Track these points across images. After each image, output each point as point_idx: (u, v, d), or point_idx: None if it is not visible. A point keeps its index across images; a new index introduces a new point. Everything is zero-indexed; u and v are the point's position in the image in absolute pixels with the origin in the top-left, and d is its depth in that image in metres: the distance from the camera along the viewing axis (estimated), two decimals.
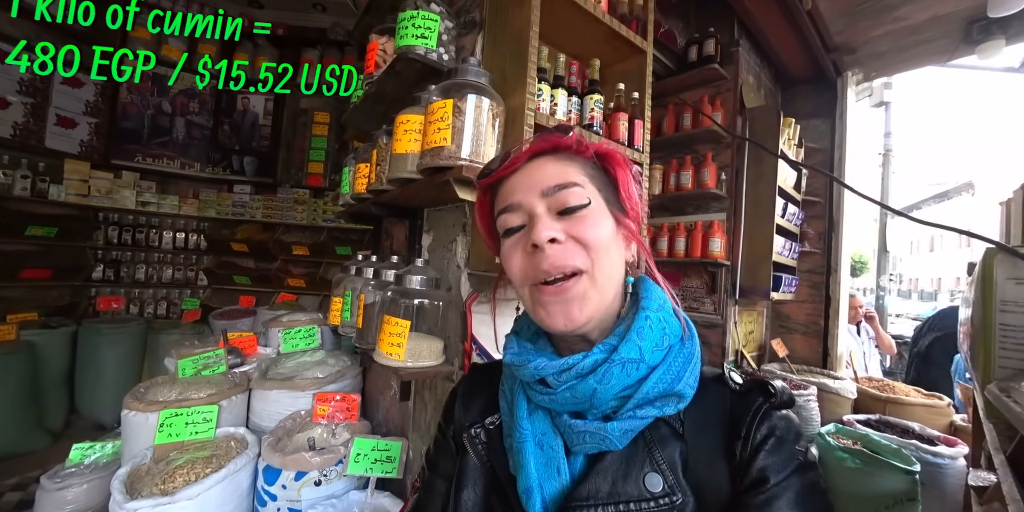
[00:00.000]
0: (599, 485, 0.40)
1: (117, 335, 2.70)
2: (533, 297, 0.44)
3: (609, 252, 0.43)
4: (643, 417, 0.40)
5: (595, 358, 0.41)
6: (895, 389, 1.87)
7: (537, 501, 0.41)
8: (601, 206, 0.45)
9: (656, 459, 0.41)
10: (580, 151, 0.47)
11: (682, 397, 0.41)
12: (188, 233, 3.40)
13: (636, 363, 0.40)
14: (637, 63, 1.31)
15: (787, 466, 0.38)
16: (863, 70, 2.55)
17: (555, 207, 0.43)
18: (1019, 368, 0.39)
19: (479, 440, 0.49)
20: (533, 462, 0.42)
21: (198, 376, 1.49)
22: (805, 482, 0.38)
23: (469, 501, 0.48)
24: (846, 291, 2.42)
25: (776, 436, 0.40)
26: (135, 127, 3.23)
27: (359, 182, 1.31)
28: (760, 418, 0.41)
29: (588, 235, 0.42)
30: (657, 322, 0.43)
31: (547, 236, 0.41)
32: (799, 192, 2.40)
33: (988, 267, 0.44)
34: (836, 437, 1.55)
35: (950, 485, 1.40)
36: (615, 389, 0.40)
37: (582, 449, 0.42)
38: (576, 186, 0.44)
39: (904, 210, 5.89)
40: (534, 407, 0.45)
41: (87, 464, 1.39)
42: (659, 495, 0.39)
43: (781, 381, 0.44)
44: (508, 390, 0.49)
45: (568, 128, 0.48)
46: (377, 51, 1.24)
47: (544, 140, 0.47)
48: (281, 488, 1.16)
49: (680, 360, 0.42)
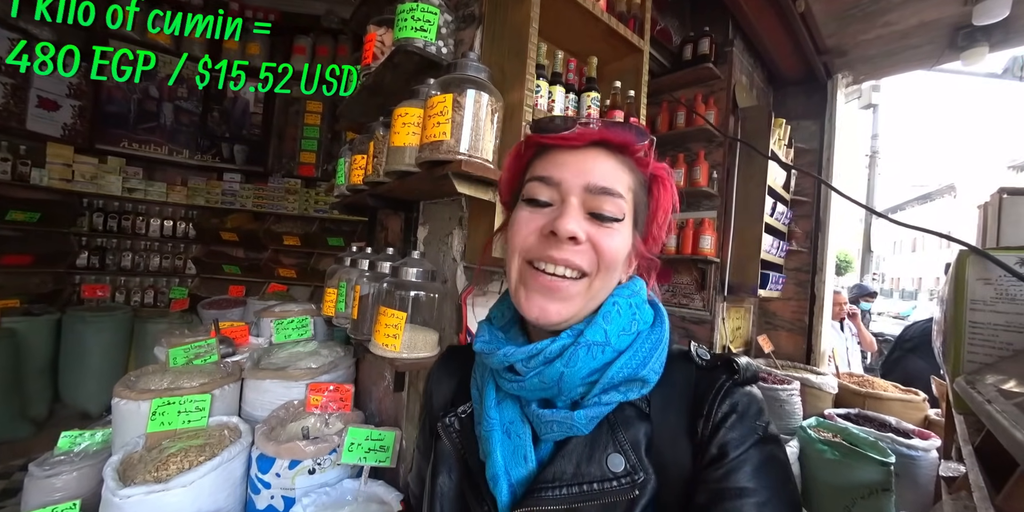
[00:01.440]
0: (564, 468, 0.41)
1: (102, 323, 2.67)
2: (523, 275, 0.43)
3: (614, 270, 0.43)
4: (608, 403, 0.41)
5: (562, 342, 0.41)
6: (874, 384, 1.94)
7: (504, 486, 0.42)
8: (628, 226, 0.44)
9: (619, 440, 0.41)
10: (641, 164, 0.46)
11: (646, 382, 0.42)
12: (176, 221, 3.34)
13: (602, 346, 0.41)
14: (634, 61, 1.32)
15: (746, 440, 0.39)
16: (853, 73, 2.59)
17: (589, 206, 0.42)
18: (986, 363, 0.42)
19: (453, 428, 0.50)
20: (500, 450, 0.43)
21: (190, 365, 1.48)
22: (764, 454, 0.39)
23: (444, 486, 0.49)
24: (831, 289, 2.49)
25: (737, 412, 0.40)
26: (121, 111, 3.14)
27: (355, 174, 1.30)
28: (722, 396, 0.41)
29: (607, 246, 0.42)
30: (627, 307, 0.44)
31: (572, 231, 0.40)
32: (788, 192, 2.45)
33: (960, 268, 0.46)
34: (817, 430, 1.61)
35: (923, 476, 1.48)
36: (582, 372, 0.40)
37: (550, 437, 0.43)
38: (620, 198, 0.43)
39: (888, 211, 6.04)
40: (504, 395, 0.46)
41: (76, 452, 1.38)
42: (621, 474, 0.40)
43: (746, 357, 0.45)
44: (479, 377, 0.50)
45: (645, 134, 0.45)
46: (375, 42, 1.23)
47: (618, 133, 0.44)
48: (275, 476, 1.17)
49: (647, 346, 0.43)
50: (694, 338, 2.21)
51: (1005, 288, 0.44)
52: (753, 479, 0.38)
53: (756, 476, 0.38)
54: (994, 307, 0.44)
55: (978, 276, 0.45)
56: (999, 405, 0.31)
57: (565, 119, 0.45)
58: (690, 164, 2.20)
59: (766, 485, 0.38)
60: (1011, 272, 0.42)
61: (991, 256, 0.44)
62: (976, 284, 0.45)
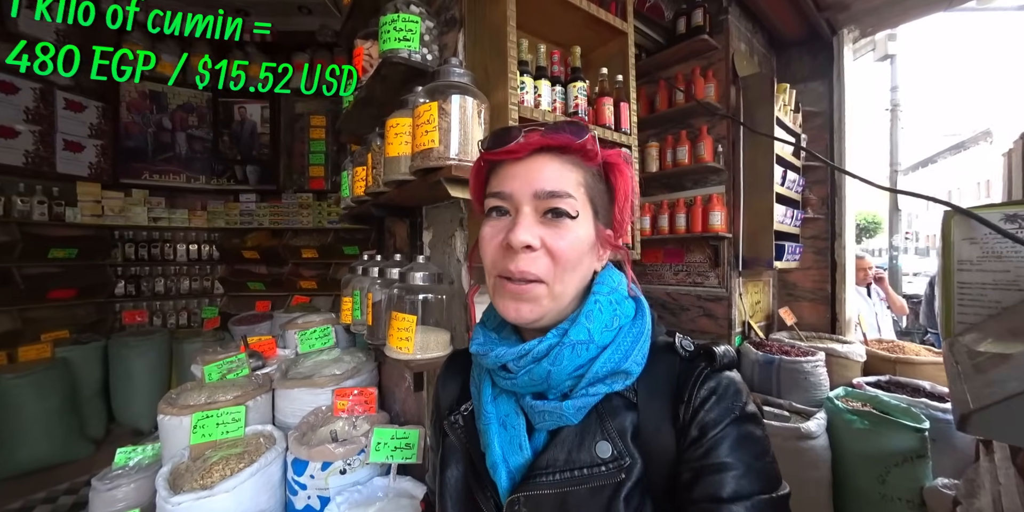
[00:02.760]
0: (557, 455, 0.44)
1: (144, 346, 2.83)
2: (496, 286, 0.47)
3: (576, 267, 0.45)
4: (595, 394, 0.44)
5: (548, 342, 0.44)
6: (905, 349, 1.88)
7: (503, 473, 0.45)
8: (587, 219, 0.46)
9: (607, 429, 0.44)
10: (587, 158, 0.47)
11: (629, 374, 0.45)
12: (200, 244, 3.50)
13: (585, 344, 0.43)
14: (619, 45, 1.30)
15: (723, 419, 0.42)
16: (859, 26, 2.46)
17: (542, 209, 0.45)
18: (973, 323, 0.42)
19: (458, 425, 0.53)
20: (497, 441, 0.47)
21: (224, 380, 1.57)
22: (740, 431, 0.42)
23: (452, 478, 0.53)
24: (852, 255, 2.40)
25: (715, 396, 0.43)
26: (139, 145, 3.30)
27: (357, 185, 1.34)
28: (701, 381, 0.44)
29: (561, 248, 0.43)
30: (607, 305, 0.46)
31: (523, 241, 0.43)
32: (799, 159, 2.37)
33: (946, 228, 0.45)
34: (845, 400, 1.58)
35: (961, 440, 1.43)
36: (568, 369, 0.43)
37: (543, 426, 0.46)
38: (570, 197, 0.44)
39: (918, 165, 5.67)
40: (499, 391, 0.49)
41: (132, 466, 1.49)
42: (608, 460, 0.43)
43: (726, 345, 0.46)
44: (477, 376, 0.53)
45: (584, 130, 0.46)
46: (363, 56, 1.25)
47: (554, 137, 0.45)
48: (309, 478, 1.24)
49: (629, 340, 0.45)
50: (712, 316, 2.19)
51: (991, 246, 0.42)
52: (731, 454, 0.40)
53: (733, 451, 0.41)
54: (980, 266, 0.42)
55: (964, 236, 0.44)
56: (962, 366, 0.31)
57: (510, 130, 0.47)
58: (693, 140, 2.15)
59: (743, 459, 0.40)
60: (995, 229, 0.40)
61: (975, 215, 0.42)
62: (962, 244, 0.44)
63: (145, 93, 3.31)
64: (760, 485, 0.40)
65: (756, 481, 0.40)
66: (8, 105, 2.70)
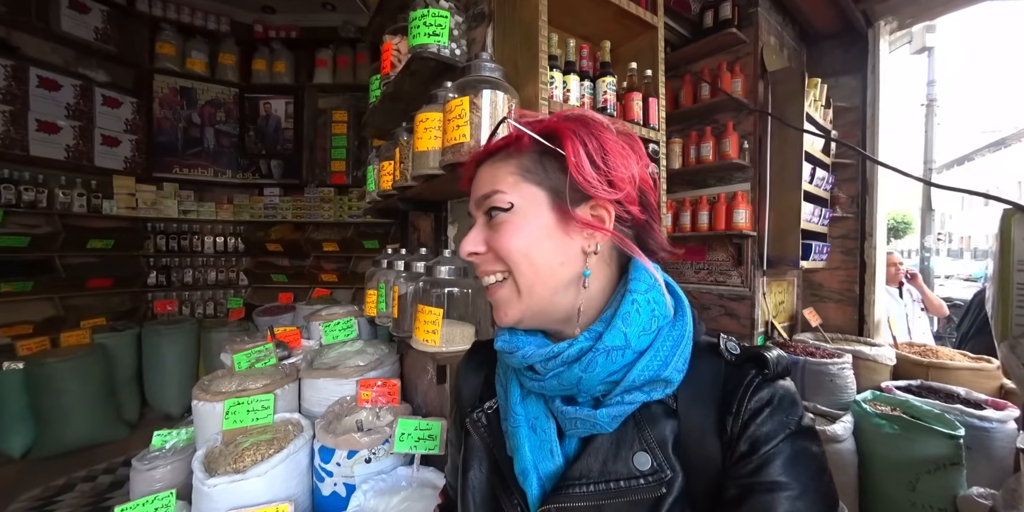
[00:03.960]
0: (591, 465, 0.41)
1: (174, 335, 2.95)
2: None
3: (531, 255, 0.42)
4: (631, 402, 0.41)
5: (580, 346, 0.41)
6: (938, 354, 1.82)
7: (534, 481, 0.43)
8: (535, 204, 0.43)
9: (646, 438, 0.41)
10: (516, 146, 0.45)
11: (669, 383, 0.41)
12: (226, 237, 3.61)
13: (621, 350, 0.40)
14: (648, 39, 1.29)
15: (777, 434, 0.38)
16: (897, 17, 2.36)
17: (485, 214, 0.46)
18: None
19: (481, 423, 0.51)
20: (528, 445, 0.44)
21: (252, 369, 1.62)
22: (796, 448, 0.38)
23: (475, 479, 0.50)
24: (883, 255, 2.32)
25: (768, 408, 0.39)
26: (170, 140, 3.42)
27: (384, 179, 1.36)
28: (752, 391, 0.40)
29: (501, 244, 0.43)
30: (645, 304, 0.41)
31: (466, 250, 0.45)
32: (828, 156, 2.30)
33: (1006, 227, 0.43)
34: (873, 404, 1.54)
35: (999, 448, 1.38)
36: (600, 376, 0.40)
37: (574, 433, 0.43)
38: (497, 193, 0.43)
39: (955, 162, 5.44)
40: (526, 392, 0.46)
41: (168, 448, 1.56)
42: (647, 473, 0.40)
43: (778, 350, 0.42)
44: (502, 375, 0.50)
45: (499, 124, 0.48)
46: (391, 51, 1.27)
47: (482, 150, 0.48)
48: (336, 465, 1.27)
49: (669, 344, 0.41)
50: (734, 316, 2.15)
51: None
52: (785, 472, 0.37)
53: (788, 469, 0.37)
54: None
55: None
56: None
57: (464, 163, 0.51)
58: (718, 137, 2.11)
59: (799, 478, 0.37)
60: None
61: None
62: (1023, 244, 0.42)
63: (176, 89, 3.42)
64: (817, 507, 0.36)
65: (813, 503, 0.36)
66: (51, 101, 2.83)
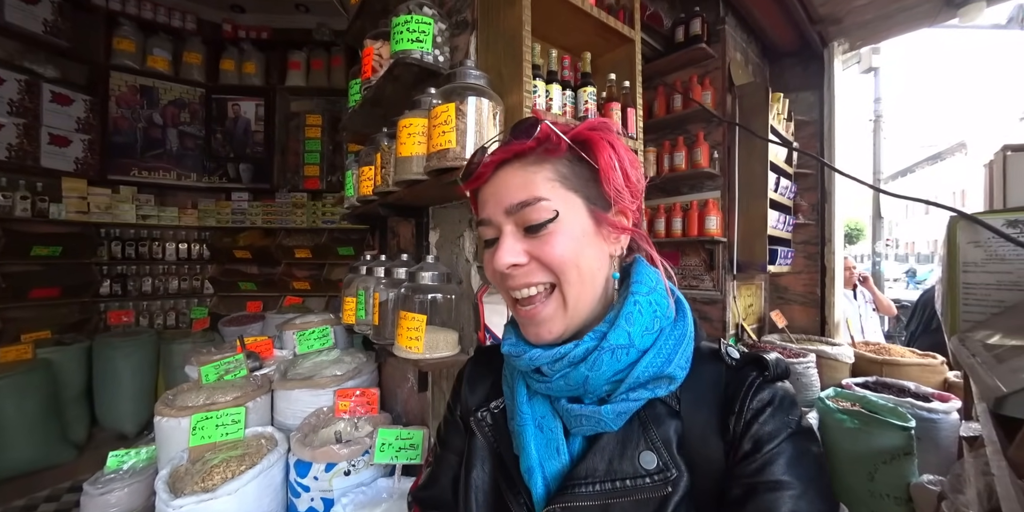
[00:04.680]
0: (596, 464, 0.42)
1: (130, 347, 2.76)
2: (511, 306, 0.46)
3: (579, 263, 0.43)
4: (636, 399, 0.41)
5: (586, 346, 0.42)
6: (891, 351, 1.95)
7: (539, 479, 0.43)
8: (576, 211, 0.43)
9: (651, 437, 0.42)
10: (550, 150, 0.44)
11: (673, 379, 0.42)
12: (190, 243, 3.43)
13: (626, 348, 0.41)
14: (626, 52, 1.34)
15: (779, 434, 0.39)
16: (849, 39, 2.55)
17: (521, 223, 0.43)
18: (978, 321, 0.45)
19: (486, 423, 0.51)
20: (534, 444, 0.44)
21: (221, 381, 1.54)
22: (797, 447, 0.39)
23: (479, 480, 0.50)
24: (841, 260, 2.48)
25: (770, 408, 0.41)
26: (128, 141, 3.23)
27: (364, 185, 1.34)
28: (753, 393, 0.41)
29: (552, 255, 0.42)
30: (647, 305, 0.43)
31: (507, 263, 0.42)
32: (791, 166, 2.44)
33: (952, 232, 0.49)
34: (835, 400, 1.62)
35: (944, 438, 1.49)
36: (606, 375, 0.41)
37: (580, 431, 0.44)
38: (541, 201, 0.42)
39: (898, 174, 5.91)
40: (533, 392, 0.47)
41: (125, 469, 1.46)
42: (653, 472, 0.40)
43: (776, 353, 0.44)
44: (509, 376, 0.51)
45: (532, 126, 0.43)
46: (373, 56, 1.26)
47: (507, 148, 0.44)
48: (313, 480, 1.23)
49: (671, 342, 0.43)
50: (707, 319, 2.23)
51: (994, 249, 0.46)
52: (788, 472, 0.38)
53: (791, 469, 0.38)
54: (985, 268, 0.46)
55: (968, 239, 0.47)
56: (981, 358, 0.33)
57: (473, 156, 0.47)
58: (690, 146, 2.20)
59: (801, 477, 0.38)
60: (999, 234, 0.44)
61: (979, 220, 0.46)
62: (967, 247, 0.47)
63: (136, 88, 3.25)
64: (820, 506, 0.37)
65: (814, 502, 0.37)
66: None
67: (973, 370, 0.32)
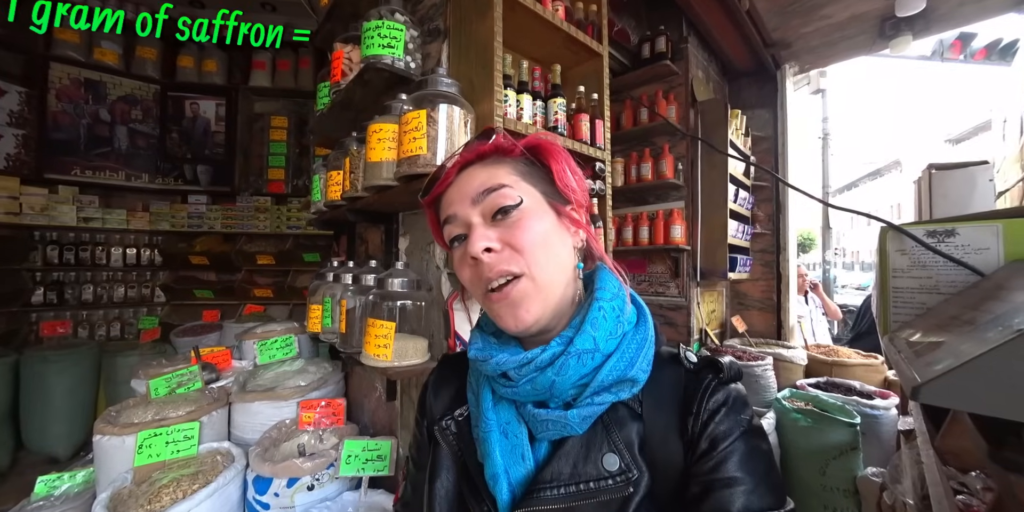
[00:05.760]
0: (561, 468, 0.42)
1: (65, 361, 2.53)
2: (486, 304, 0.47)
3: (548, 248, 0.45)
4: (600, 403, 0.42)
5: (552, 351, 0.42)
6: (839, 353, 2.08)
7: (504, 486, 0.43)
8: (537, 201, 0.46)
9: (614, 440, 0.43)
10: (507, 152, 0.48)
11: (636, 382, 0.43)
12: (140, 248, 3.21)
13: (591, 353, 0.42)
14: (594, 66, 1.39)
15: (732, 432, 0.42)
16: (799, 63, 2.76)
17: (488, 212, 0.45)
18: (906, 321, 0.50)
19: (450, 431, 0.51)
20: (498, 450, 0.44)
21: (173, 395, 1.45)
22: (749, 445, 0.42)
23: (442, 489, 0.49)
24: (795, 267, 2.64)
25: (724, 408, 0.43)
26: (69, 138, 2.99)
27: (332, 189, 1.31)
28: (710, 394, 0.43)
29: (521, 239, 0.43)
30: (611, 311, 0.45)
31: (481, 247, 0.43)
32: (749, 178, 2.59)
33: (882, 242, 0.54)
34: (791, 400, 1.72)
35: (885, 432, 1.60)
36: (572, 379, 0.42)
37: (545, 436, 0.44)
38: (505, 187, 0.44)
39: (843, 188, 6.41)
40: (498, 398, 0.47)
41: (57, 496, 1.33)
42: (616, 473, 0.41)
43: (730, 357, 0.47)
44: (474, 382, 0.51)
45: (490, 132, 0.48)
46: (343, 59, 1.24)
47: (468, 151, 0.48)
48: (273, 496, 1.16)
49: (633, 346, 0.44)
50: (672, 324, 2.31)
51: (917, 257, 0.51)
52: (740, 468, 0.40)
53: (743, 465, 0.41)
54: (910, 274, 0.51)
55: (896, 248, 0.52)
56: (904, 354, 0.37)
57: (439, 170, 0.50)
58: (656, 158, 2.29)
59: (753, 473, 0.41)
60: (920, 242, 0.49)
61: (904, 230, 0.51)
62: (895, 255, 0.52)
63: (79, 81, 3.03)
64: (769, 500, 0.40)
65: (765, 496, 0.40)
66: None
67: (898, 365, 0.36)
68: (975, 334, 0.29)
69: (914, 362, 0.32)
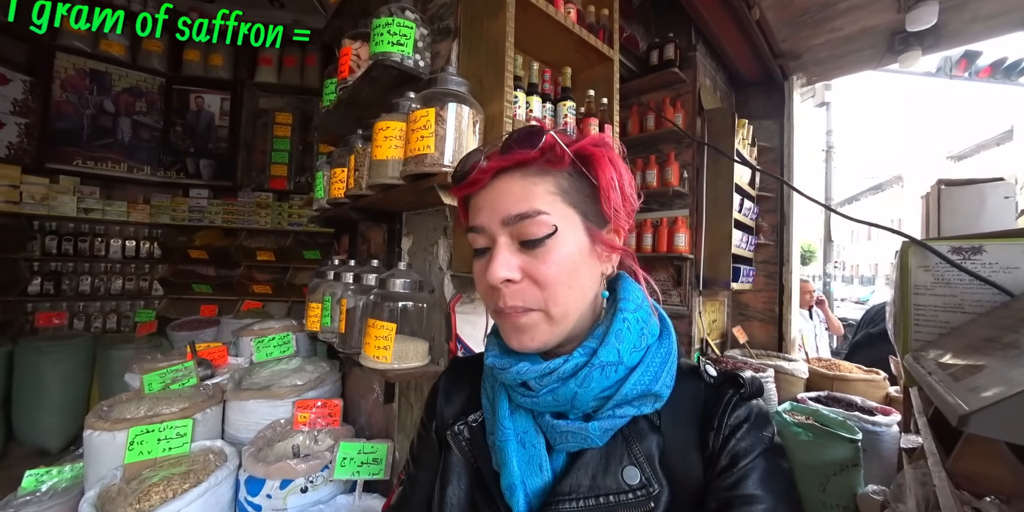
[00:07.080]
0: (580, 480, 0.41)
1: (60, 353, 2.51)
2: (494, 316, 0.45)
3: (572, 282, 0.42)
4: (622, 416, 0.42)
5: (575, 362, 0.41)
6: (840, 367, 2.06)
7: (520, 496, 0.42)
8: (573, 226, 0.42)
9: (634, 453, 0.42)
10: (552, 162, 0.42)
11: (659, 397, 0.42)
12: (139, 241, 3.19)
13: (615, 365, 0.41)
14: (604, 70, 1.38)
15: (754, 449, 0.41)
16: (806, 74, 2.76)
17: (517, 236, 0.42)
18: (928, 340, 0.48)
19: (463, 437, 0.49)
20: (516, 459, 0.43)
21: (167, 390, 1.43)
22: (770, 463, 0.41)
23: (454, 497, 0.48)
24: (797, 279, 2.63)
25: (746, 424, 0.42)
26: (73, 128, 2.98)
27: (336, 187, 1.29)
28: (731, 410, 0.43)
29: (545, 275, 0.41)
30: (635, 323, 0.43)
31: (501, 277, 0.40)
32: (754, 188, 2.58)
33: (904, 257, 0.52)
34: (791, 414, 1.70)
35: (886, 449, 1.58)
36: (594, 391, 0.41)
37: (564, 447, 0.43)
38: (540, 214, 0.40)
39: (844, 202, 6.44)
40: (515, 406, 0.46)
41: (44, 491, 1.31)
42: (636, 487, 0.40)
43: (751, 372, 0.47)
44: (490, 389, 0.49)
45: (537, 135, 0.42)
46: (351, 56, 1.23)
47: (509, 156, 0.42)
48: (266, 498, 1.14)
49: (658, 360, 0.43)
50: None
51: (941, 274, 0.50)
52: (761, 486, 0.40)
53: (764, 483, 0.40)
54: (933, 291, 0.49)
55: (919, 264, 0.51)
56: (937, 376, 0.36)
57: (470, 157, 0.45)
58: (661, 165, 2.28)
59: (773, 492, 0.40)
60: (945, 259, 0.47)
61: (929, 246, 0.49)
62: (918, 271, 0.51)
63: (85, 71, 3.02)
64: None
65: None
66: None
67: (931, 388, 0.34)
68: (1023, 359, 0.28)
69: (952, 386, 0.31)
